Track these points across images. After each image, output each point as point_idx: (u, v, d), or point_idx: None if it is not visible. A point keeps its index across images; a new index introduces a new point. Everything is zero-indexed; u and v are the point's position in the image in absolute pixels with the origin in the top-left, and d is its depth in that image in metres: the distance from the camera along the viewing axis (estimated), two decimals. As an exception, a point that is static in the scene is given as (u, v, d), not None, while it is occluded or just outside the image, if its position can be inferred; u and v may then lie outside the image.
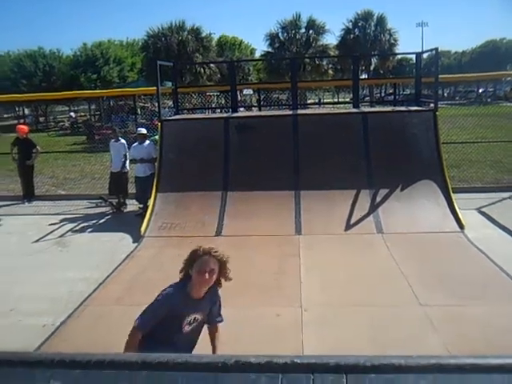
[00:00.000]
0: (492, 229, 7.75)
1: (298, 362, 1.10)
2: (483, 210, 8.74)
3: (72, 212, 9.93)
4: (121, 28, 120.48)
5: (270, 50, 43.00)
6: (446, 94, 61.74)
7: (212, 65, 39.62)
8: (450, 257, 6.54)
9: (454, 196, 8.05)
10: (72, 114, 43.39)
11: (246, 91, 31.46)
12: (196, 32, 41.72)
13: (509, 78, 42.06)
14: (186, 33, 41.34)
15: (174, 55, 37.14)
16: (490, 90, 52.09)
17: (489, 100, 41.20)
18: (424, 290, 5.46)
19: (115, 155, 9.88)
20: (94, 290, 5.90)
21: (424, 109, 9.54)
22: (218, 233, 7.81)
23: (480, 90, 54.55)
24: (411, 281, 5.73)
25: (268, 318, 5.04)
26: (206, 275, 3.13)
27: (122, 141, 10.02)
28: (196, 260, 3.19)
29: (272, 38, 42.61)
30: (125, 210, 9.91)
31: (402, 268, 6.12)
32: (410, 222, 7.58)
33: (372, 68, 42.77)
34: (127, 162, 9.87)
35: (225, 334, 4.71)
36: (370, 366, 1.09)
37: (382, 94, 46.06)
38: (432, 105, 9.29)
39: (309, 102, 25.06)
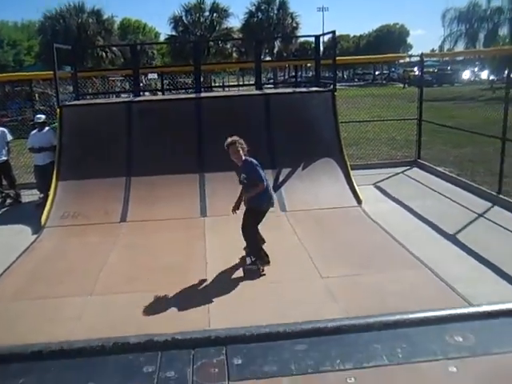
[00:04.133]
0: (386, 202, 8.23)
1: (179, 338, 1.11)
2: (379, 184, 9.26)
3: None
4: (14, 8, 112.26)
5: (174, 33, 42.35)
6: (345, 76, 64.01)
7: (115, 48, 38.33)
8: (348, 230, 6.90)
9: (352, 173, 8.43)
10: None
11: (150, 75, 30.71)
12: (97, 14, 40.12)
13: (402, 61, 44.40)
14: (85, 15, 39.63)
15: (73, 38, 35.48)
16: (385, 72, 54.63)
17: (384, 82, 43.24)
18: (324, 264, 5.72)
19: None
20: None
21: (323, 89, 9.83)
22: (123, 219, 7.65)
23: (376, 73, 57.08)
24: (313, 255, 5.97)
25: (173, 300, 5.04)
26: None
27: (1, 128, 9.50)
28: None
29: (176, 22, 42.00)
30: (23, 201, 9.42)
31: (305, 244, 6.36)
32: (311, 200, 7.85)
33: (276, 51, 43.42)
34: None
35: (134, 318, 4.70)
36: (248, 336, 1.13)
37: (286, 77, 46.89)
38: (332, 86, 9.58)
39: (214, 85, 24.95)
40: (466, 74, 43.04)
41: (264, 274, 5.57)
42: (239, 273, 5.64)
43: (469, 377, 1.03)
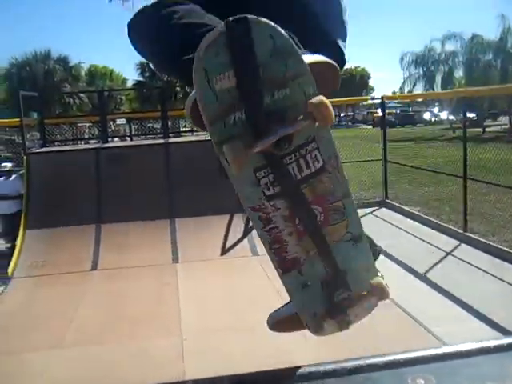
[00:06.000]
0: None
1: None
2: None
3: None
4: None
5: (141, 79, 42.76)
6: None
7: (82, 95, 38.46)
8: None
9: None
10: None
11: (119, 121, 30.78)
12: (63, 61, 40.41)
13: (365, 103, 45.73)
14: (52, 62, 39.83)
15: (40, 85, 35.50)
16: (350, 113, 56.13)
17: (350, 124, 44.36)
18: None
19: None
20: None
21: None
22: (94, 267, 7.55)
23: (341, 114, 58.62)
24: (284, 296, 5.94)
25: (147, 351, 4.95)
26: None
27: None
28: None
29: (143, 67, 42.46)
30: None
31: (276, 285, 6.33)
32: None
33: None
34: None
35: (101, 372, 4.56)
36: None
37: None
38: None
39: (183, 129, 25.14)
40: (427, 115, 44.50)
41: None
42: (214, 319, 5.58)
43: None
